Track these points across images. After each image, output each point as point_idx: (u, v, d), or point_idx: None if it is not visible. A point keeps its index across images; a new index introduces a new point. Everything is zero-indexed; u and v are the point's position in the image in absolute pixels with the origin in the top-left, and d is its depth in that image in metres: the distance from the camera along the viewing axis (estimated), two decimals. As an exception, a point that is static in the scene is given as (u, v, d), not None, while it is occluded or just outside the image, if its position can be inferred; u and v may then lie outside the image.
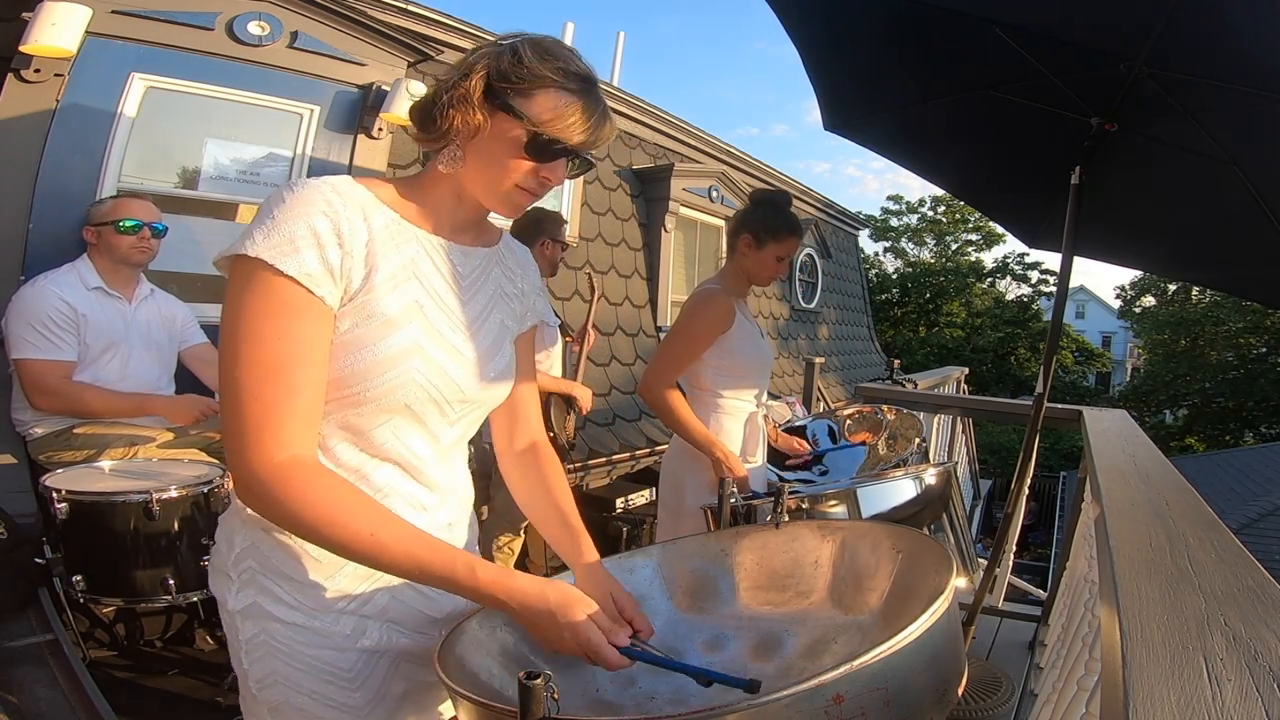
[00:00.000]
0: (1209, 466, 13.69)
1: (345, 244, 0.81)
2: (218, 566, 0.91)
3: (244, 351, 0.77)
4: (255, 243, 0.77)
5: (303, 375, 0.79)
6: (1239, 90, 1.72)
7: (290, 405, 0.78)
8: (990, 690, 2.48)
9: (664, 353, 1.99)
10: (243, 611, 0.88)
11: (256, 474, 0.76)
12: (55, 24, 2.49)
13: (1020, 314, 24.87)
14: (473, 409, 0.97)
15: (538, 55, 0.85)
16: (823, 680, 0.68)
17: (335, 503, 0.78)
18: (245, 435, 0.77)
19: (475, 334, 0.95)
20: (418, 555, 0.78)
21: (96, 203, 2.41)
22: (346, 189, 0.85)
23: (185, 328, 2.56)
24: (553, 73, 0.85)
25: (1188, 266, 2.88)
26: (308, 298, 0.79)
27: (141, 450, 2.18)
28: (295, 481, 0.77)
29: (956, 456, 5.94)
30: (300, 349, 0.79)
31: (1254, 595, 0.86)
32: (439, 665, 0.86)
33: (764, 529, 1.23)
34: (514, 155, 0.86)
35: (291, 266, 0.77)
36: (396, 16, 3.81)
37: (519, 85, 0.84)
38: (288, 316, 0.78)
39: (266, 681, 0.88)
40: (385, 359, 0.84)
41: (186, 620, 2.35)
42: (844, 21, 2.15)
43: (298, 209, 0.79)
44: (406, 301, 0.87)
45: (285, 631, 0.87)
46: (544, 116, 0.85)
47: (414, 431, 0.91)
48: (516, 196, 0.89)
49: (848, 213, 10.29)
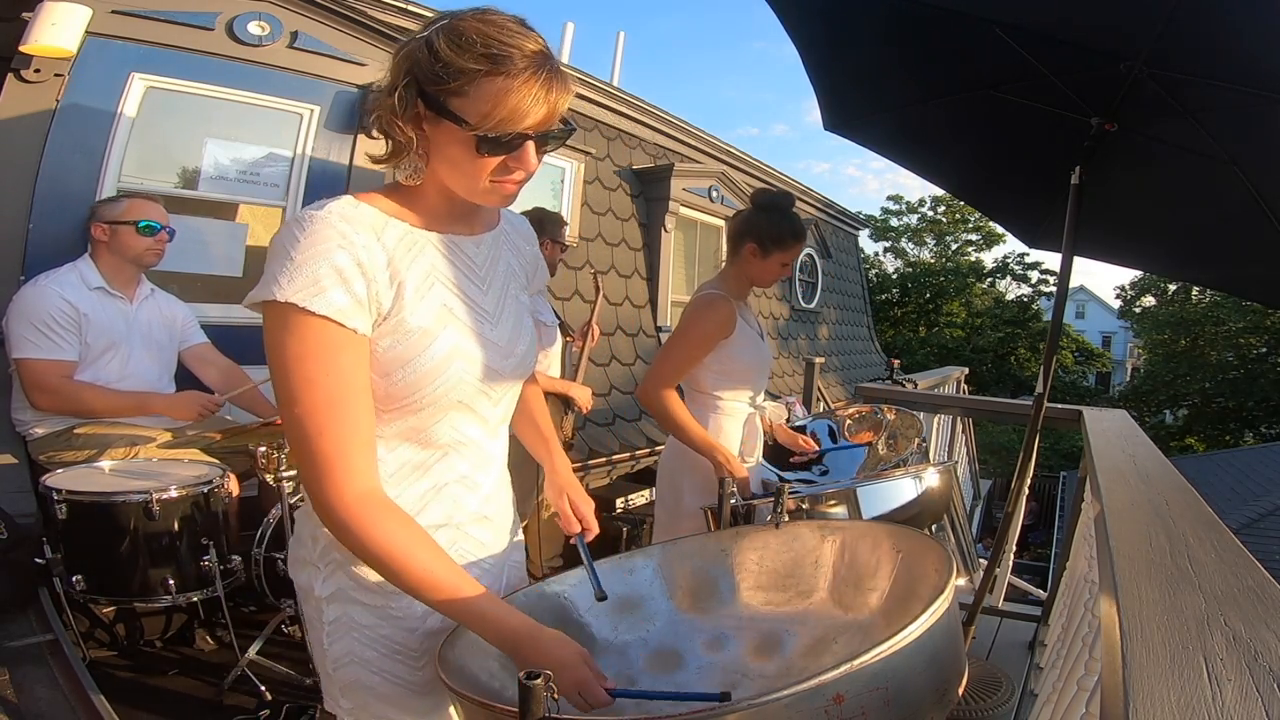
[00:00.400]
0: (1209, 466, 13.69)
1: (368, 272, 0.82)
2: (302, 559, 0.97)
3: (300, 393, 0.80)
4: (281, 287, 0.78)
5: (358, 407, 0.83)
6: (1239, 90, 1.72)
7: (355, 438, 0.83)
8: (990, 690, 2.48)
9: (664, 358, 1.97)
10: (330, 596, 0.93)
11: (336, 508, 0.82)
12: (55, 24, 2.49)
13: (1020, 314, 24.87)
14: (512, 385, 1.02)
15: (454, 46, 0.78)
16: (823, 680, 0.68)
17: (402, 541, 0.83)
18: (321, 470, 0.81)
19: (500, 319, 0.98)
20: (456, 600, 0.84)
21: (108, 201, 2.40)
22: (354, 214, 0.85)
23: (185, 328, 2.56)
24: (475, 61, 0.78)
25: (1188, 266, 2.88)
26: (342, 332, 0.81)
27: (141, 450, 2.18)
28: (371, 515, 0.83)
29: (956, 456, 5.94)
30: (350, 381, 0.83)
31: (1254, 595, 0.86)
32: (439, 666, 0.86)
33: (764, 529, 1.23)
34: (471, 156, 0.82)
35: (321, 306, 0.78)
36: (396, 16, 3.80)
37: (447, 85, 0.79)
38: (330, 353, 0.81)
39: (343, 660, 0.94)
40: (431, 369, 0.88)
41: (186, 620, 2.35)
42: (844, 21, 2.15)
43: (314, 248, 0.79)
44: (436, 308, 0.89)
45: (365, 613, 0.93)
46: (484, 112, 0.78)
47: (467, 420, 0.96)
48: (497, 189, 0.87)
49: (848, 213, 10.29)
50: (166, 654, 2.29)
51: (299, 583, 0.98)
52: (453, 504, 0.97)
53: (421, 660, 0.96)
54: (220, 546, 1.98)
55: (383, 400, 0.88)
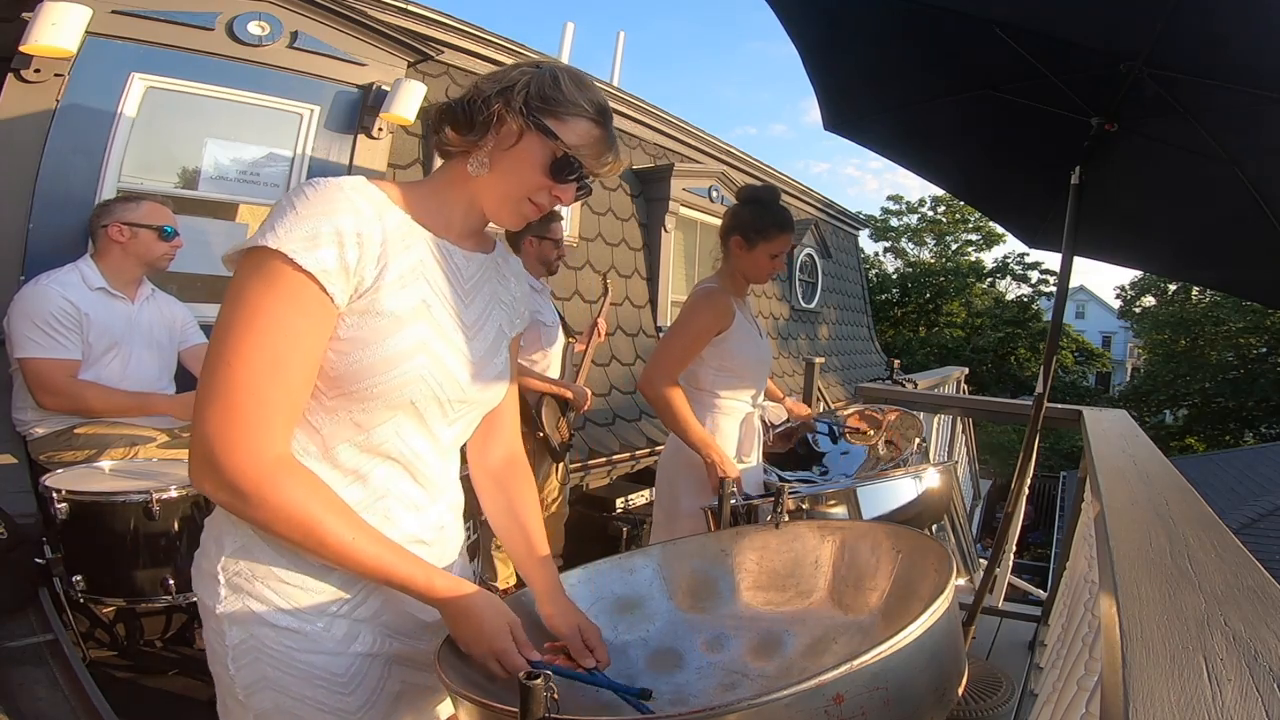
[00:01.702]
0: (1209, 466, 13.69)
1: (363, 243, 0.83)
2: (204, 569, 0.90)
3: (244, 343, 0.77)
4: (277, 235, 0.78)
5: (300, 374, 0.80)
6: (1239, 90, 1.72)
7: (284, 404, 0.79)
8: (990, 690, 2.48)
9: (663, 350, 1.98)
10: (230, 616, 0.86)
11: (245, 472, 0.76)
12: (55, 24, 2.49)
13: (1020, 314, 24.87)
14: (471, 409, 0.98)
15: (575, 85, 0.92)
16: (823, 680, 0.68)
17: (319, 504, 0.80)
18: (232, 431, 0.76)
19: (476, 336, 0.97)
20: (383, 563, 0.83)
21: (122, 201, 2.37)
22: (364, 188, 0.87)
23: (185, 328, 2.56)
24: (587, 104, 0.92)
25: (1188, 266, 2.87)
26: (318, 295, 0.80)
27: (141, 450, 2.18)
28: (281, 481, 0.78)
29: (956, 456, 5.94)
30: (302, 346, 0.80)
31: (1254, 595, 0.86)
32: (439, 666, 0.86)
33: (764, 529, 1.23)
34: (536, 171, 0.91)
35: (310, 261, 0.78)
36: (396, 16, 3.81)
37: (556, 109, 0.91)
38: (295, 312, 0.78)
39: (255, 688, 0.87)
40: (392, 355, 0.85)
41: (186, 620, 2.34)
42: (844, 21, 2.15)
43: (323, 206, 0.81)
44: (414, 301, 0.88)
45: (276, 636, 0.86)
46: (573, 141, 0.91)
47: (415, 430, 0.91)
48: (526, 208, 0.95)
49: (848, 213, 10.29)
50: (166, 654, 2.29)
51: (198, 596, 0.90)
52: (384, 519, 0.90)
53: (350, 686, 0.89)
54: (220, 546, 1.98)
55: (334, 383, 0.84)
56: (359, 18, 3.37)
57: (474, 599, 0.89)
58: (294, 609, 0.86)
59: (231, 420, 0.76)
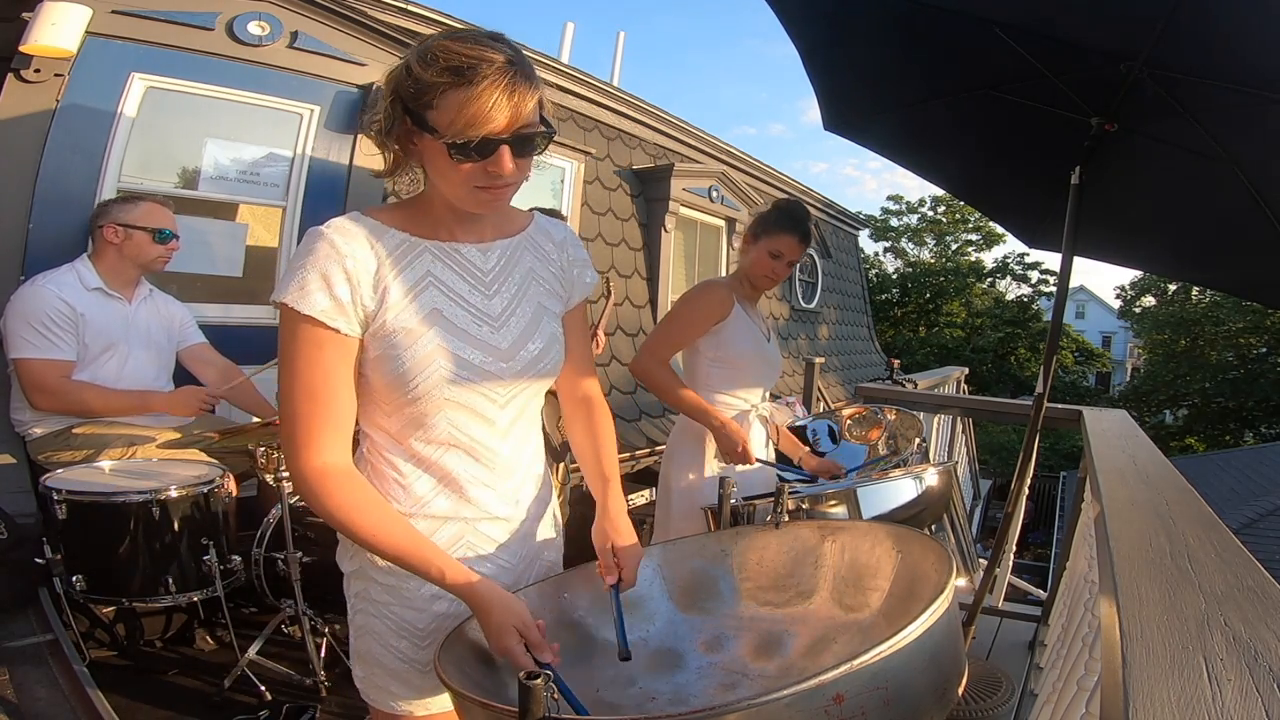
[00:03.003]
0: (1209, 466, 13.69)
1: (353, 279, 0.92)
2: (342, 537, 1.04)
3: (287, 380, 0.93)
4: (282, 291, 0.90)
5: (331, 394, 0.93)
6: (1239, 90, 1.72)
7: (322, 420, 0.93)
8: (990, 690, 2.48)
9: (657, 332, 2.03)
10: (353, 573, 1.04)
11: (301, 475, 0.93)
12: (55, 24, 2.49)
13: (1020, 314, 24.86)
14: (519, 390, 1.03)
15: (423, 63, 0.86)
16: (823, 680, 0.68)
17: (352, 504, 0.93)
18: (293, 445, 0.93)
19: (506, 324, 1.02)
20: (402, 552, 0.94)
21: (121, 201, 2.38)
22: (351, 228, 0.94)
23: (184, 328, 2.56)
24: (439, 75, 0.85)
25: (1188, 266, 2.87)
26: (325, 331, 0.91)
27: (141, 450, 2.18)
28: (326, 484, 0.93)
29: (956, 456, 5.94)
30: (327, 373, 0.93)
31: (1254, 595, 0.86)
32: (439, 666, 0.86)
33: (764, 529, 1.23)
34: (451, 164, 0.89)
35: (306, 307, 0.89)
36: (396, 16, 3.80)
37: (422, 99, 0.87)
38: (313, 347, 0.92)
39: (360, 631, 1.04)
40: (413, 365, 0.94)
41: (186, 620, 2.35)
42: (844, 21, 2.15)
43: (308, 258, 0.91)
44: (425, 311, 0.96)
45: (379, 591, 1.01)
46: (450, 121, 0.85)
47: (468, 419, 1.00)
48: (481, 196, 0.93)
49: (848, 213, 10.30)
50: (166, 654, 2.29)
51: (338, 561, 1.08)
52: (459, 499, 1.02)
53: (426, 640, 1.02)
54: (220, 546, 1.98)
55: (384, 394, 0.97)
56: (359, 18, 3.37)
57: (481, 596, 0.93)
58: (392, 568, 0.99)
59: (287, 439, 0.94)
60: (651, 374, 1.94)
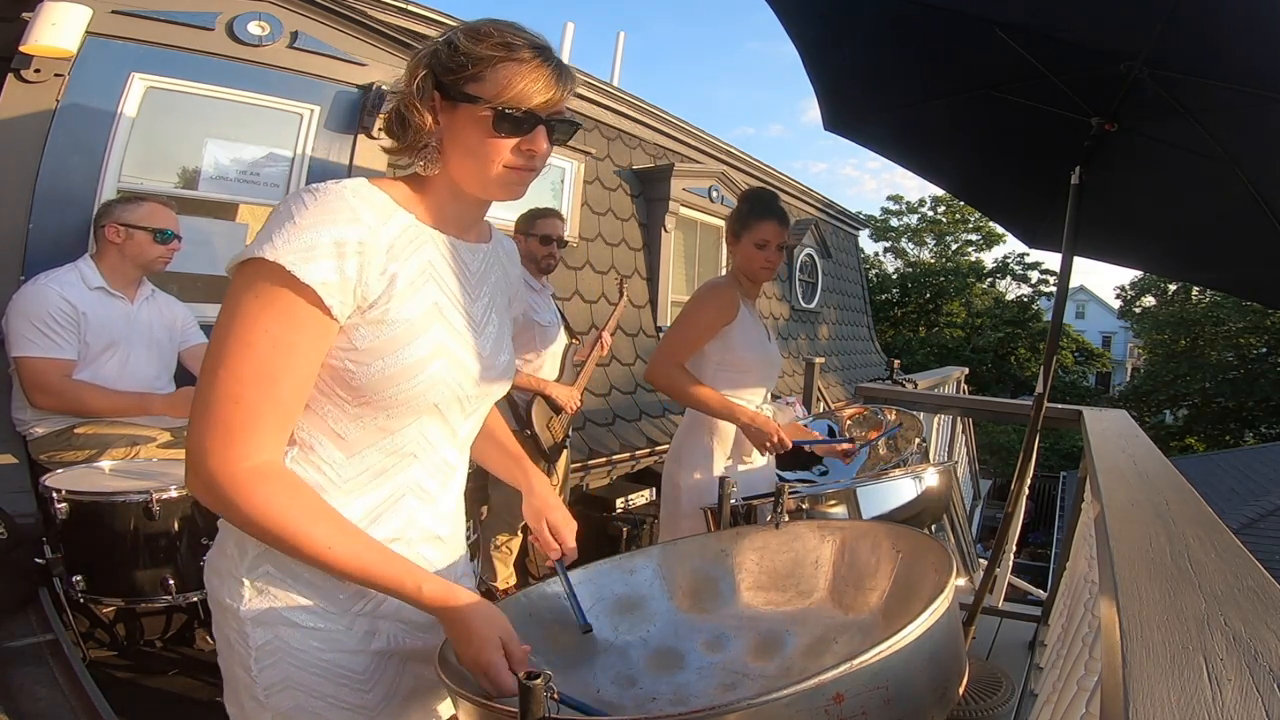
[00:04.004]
0: (1209, 466, 13.69)
1: (365, 253, 0.82)
2: (225, 571, 0.89)
3: (234, 353, 0.77)
4: (275, 246, 0.77)
5: (290, 388, 0.80)
6: (1239, 90, 1.72)
7: (271, 415, 0.79)
8: (990, 690, 2.48)
9: (668, 339, 2.02)
10: (255, 618, 0.86)
11: (217, 478, 0.77)
12: (55, 24, 2.49)
13: (1020, 314, 24.87)
14: (485, 401, 1.01)
15: (472, 39, 0.87)
16: (823, 679, 0.68)
17: (295, 512, 0.79)
18: (214, 438, 0.77)
19: (484, 330, 0.99)
20: (367, 566, 0.83)
21: (123, 201, 2.37)
22: (367, 193, 0.86)
23: (185, 328, 2.56)
24: (492, 49, 0.86)
25: (1188, 266, 2.88)
26: (315, 308, 0.79)
27: (142, 450, 2.18)
28: (263, 488, 0.78)
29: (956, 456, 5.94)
30: (294, 361, 0.80)
31: (1254, 595, 0.86)
32: (439, 666, 0.86)
33: (764, 529, 1.23)
34: (487, 137, 0.87)
35: (307, 273, 0.77)
36: (396, 16, 3.80)
37: (466, 72, 0.86)
38: (288, 325, 0.78)
39: (277, 687, 0.87)
40: (413, 363, 0.87)
41: (186, 620, 2.34)
42: (844, 21, 2.15)
43: (322, 215, 0.80)
44: (426, 305, 0.89)
45: (301, 636, 0.87)
46: (499, 91, 0.85)
47: (438, 429, 0.94)
48: (509, 177, 0.90)
49: (848, 213, 10.29)
50: (166, 654, 2.29)
51: (215, 597, 0.90)
52: (407, 519, 0.93)
53: (370, 683, 0.91)
54: (220, 546, 1.98)
55: (357, 393, 0.86)
56: (359, 18, 3.37)
57: (464, 607, 0.86)
58: (319, 608, 0.88)
59: (214, 428, 0.77)
60: (671, 379, 1.92)
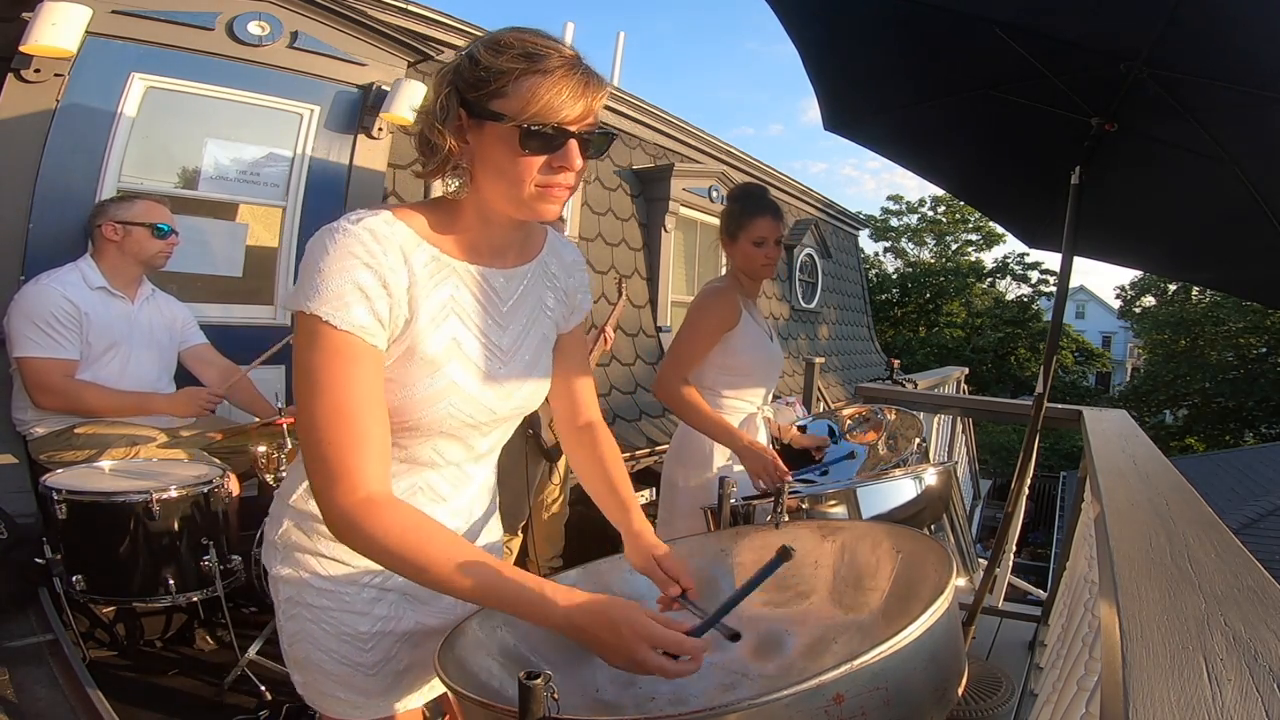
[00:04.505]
0: (1209, 466, 13.69)
1: (391, 291, 0.85)
2: (268, 538, 1.02)
3: (315, 400, 0.83)
4: (310, 300, 0.82)
5: (370, 418, 0.84)
6: (1239, 90, 1.72)
7: (363, 448, 0.83)
8: (990, 690, 2.48)
9: (673, 351, 1.99)
10: (284, 577, 0.98)
11: (337, 511, 0.83)
12: (55, 24, 2.49)
13: (1020, 314, 24.88)
14: (505, 424, 1.03)
15: (493, 51, 0.83)
16: (823, 680, 0.68)
17: (411, 538, 0.82)
18: (326, 477, 0.83)
19: (513, 357, 0.99)
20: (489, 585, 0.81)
21: (118, 200, 2.39)
22: (385, 231, 0.86)
23: (186, 328, 2.56)
24: (513, 61, 0.82)
25: (1188, 266, 2.87)
26: (362, 344, 0.84)
27: (141, 450, 2.18)
28: (373, 518, 0.82)
29: (956, 456, 5.94)
30: (365, 394, 0.84)
31: (1254, 595, 0.86)
32: (439, 665, 0.86)
33: (764, 529, 1.23)
34: (516, 155, 0.84)
35: (345, 322, 0.82)
36: (396, 16, 3.80)
37: (489, 87, 0.83)
38: (350, 365, 0.83)
39: (296, 638, 0.99)
40: (425, 398, 0.91)
41: (186, 620, 2.35)
42: (844, 21, 2.15)
43: (343, 262, 0.83)
44: (445, 341, 0.91)
45: (315, 596, 0.97)
46: (524, 106, 0.82)
47: (452, 446, 0.98)
48: (542, 197, 0.87)
49: (848, 213, 10.29)
50: (166, 654, 2.29)
51: (264, 562, 1.03)
52: None
53: (370, 643, 0.99)
54: (220, 546, 1.98)
55: None
56: (359, 18, 3.37)
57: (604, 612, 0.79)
58: (332, 577, 0.97)
59: (318, 470, 0.83)
60: (677, 396, 1.90)
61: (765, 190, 2.07)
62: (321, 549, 0.97)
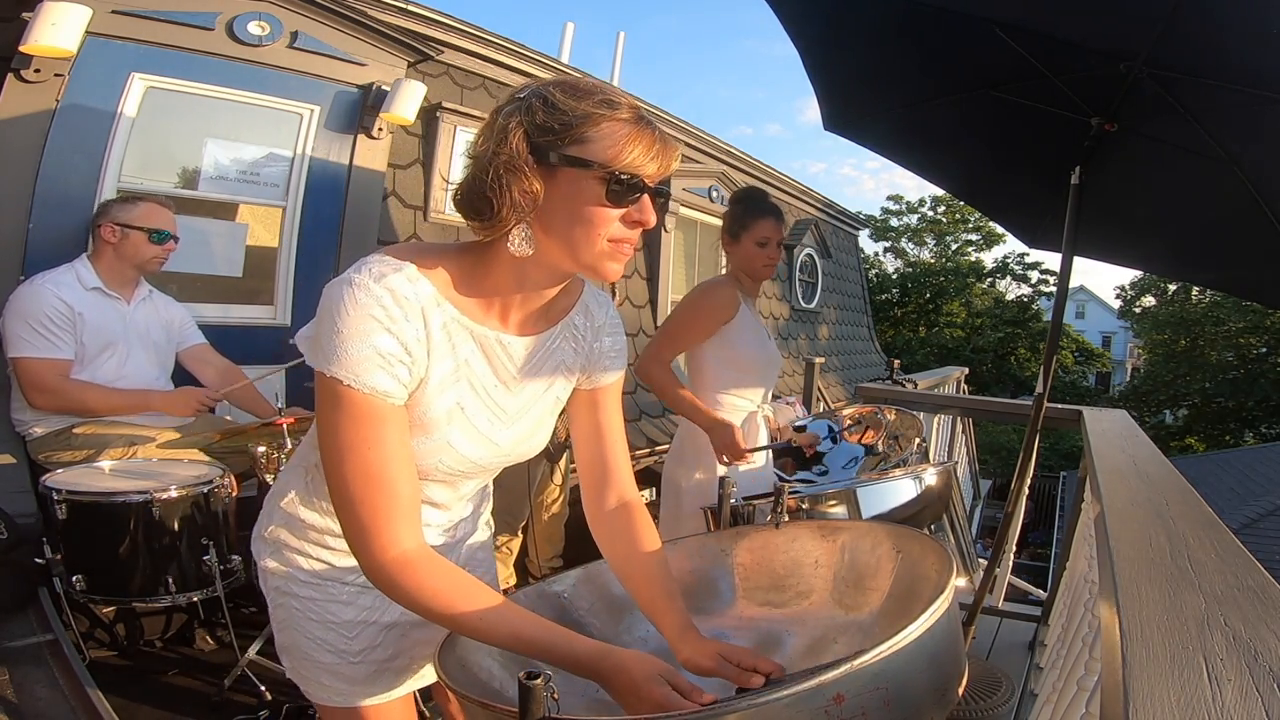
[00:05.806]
0: (1209, 466, 13.69)
1: (412, 352, 0.84)
2: (258, 533, 1.06)
3: (344, 462, 0.83)
4: (330, 363, 0.81)
5: (399, 477, 0.84)
6: (1239, 90, 1.72)
7: (394, 507, 0.84)
8: (990, 690, 2.48)
9: (663, 329, 2.04)
10: (272, 569, 1.03)
11: (374, 567, 0.84)
12: (55, 24, 2.49)
13: (1020, 314, 24.88)
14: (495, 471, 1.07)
15: (572, 95, 0.79)
16: (823, 680, 0.68)
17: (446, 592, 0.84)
18: (360, 536, 0.84)
19: (517, 421, 0.99)
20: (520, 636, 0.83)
21: (121, 201, 2.38)
22: (407, 292, 0.83)
23: (183, 329, 2.56)
24: (597, 106, 0.78)
25: (1188, 266, 2.87)
26: (387, 406, 0.84)
27: (140, 450, 2.18)
28: (408, 576, 0.84)
29: (956, 456, 5.94)
30: (391, 453, 0.84)
31: (1254, 595, 0.86)
32: (439, 665, 0.86)
33: (764, 529, 1.23)
34: (594, 206, 0.79)
35: (367, 385, 0.81)
36: (396, 16, 3.80)
37: (569, 131, 0.78)
38: (375, 426, 0.83)
39: (284, 625, 1.03)
40: (419, 452, 0.91)
41: (186, 620, 2.35)
42: (844, 20, 2.15)
43: (362, 326, 0.80)
44: (449, 405, 0.91)
45: (302, 587, 1.01)
46: (611, 154, 0.78)
47: (437, 487, 1.01)
48: (611, 254, 0.83)
49: (848, 213, 10.29)
50: (166, 654, 2.29)
51: (254, 555, 1.06)
52: None
53: (354, 632, 1.02)
54: (220, 546, 1.98)
55: None
56: (359, 18, 3.37)
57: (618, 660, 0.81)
58: (317, 572, 1.01)
59: (352, 529, 0.84)
60: (651, 374, 1.97)
61: (766, 194, 2.12)
62: (309, 550, 1.01)
